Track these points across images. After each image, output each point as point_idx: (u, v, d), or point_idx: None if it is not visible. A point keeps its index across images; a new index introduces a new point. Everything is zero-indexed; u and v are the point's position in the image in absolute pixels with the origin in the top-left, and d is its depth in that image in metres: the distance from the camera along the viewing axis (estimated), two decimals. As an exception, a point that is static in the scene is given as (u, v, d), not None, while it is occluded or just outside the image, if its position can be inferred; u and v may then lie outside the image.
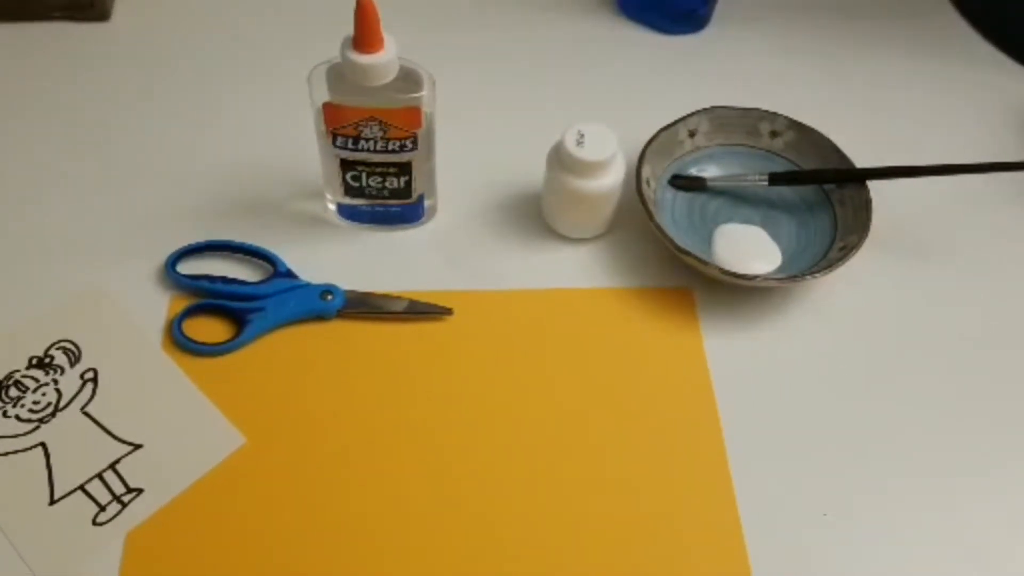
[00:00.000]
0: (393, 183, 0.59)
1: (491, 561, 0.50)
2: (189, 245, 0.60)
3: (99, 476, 0.51)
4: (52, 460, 0.52)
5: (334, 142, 0.56)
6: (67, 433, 0.53)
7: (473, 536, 0.50)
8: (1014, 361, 0.59)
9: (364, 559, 0.49)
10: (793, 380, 0.57)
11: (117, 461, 0.52)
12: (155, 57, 0.73)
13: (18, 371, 0.55)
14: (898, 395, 0.57)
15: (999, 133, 0.72)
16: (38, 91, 0.70)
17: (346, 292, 0.58)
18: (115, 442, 0.52)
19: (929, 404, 0.57)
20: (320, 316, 0.58)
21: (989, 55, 0.79)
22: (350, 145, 0.56)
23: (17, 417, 0.53)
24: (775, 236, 0.63)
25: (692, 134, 0.66)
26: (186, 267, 0.59)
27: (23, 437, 0.52)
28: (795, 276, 0.58)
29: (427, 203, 0.62)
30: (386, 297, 0.59)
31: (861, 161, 0.63)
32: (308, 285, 0.59)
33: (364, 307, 0.58)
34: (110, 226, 0.62)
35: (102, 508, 0.50)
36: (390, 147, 0.56)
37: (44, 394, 0.54)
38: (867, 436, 0.55)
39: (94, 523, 0.50)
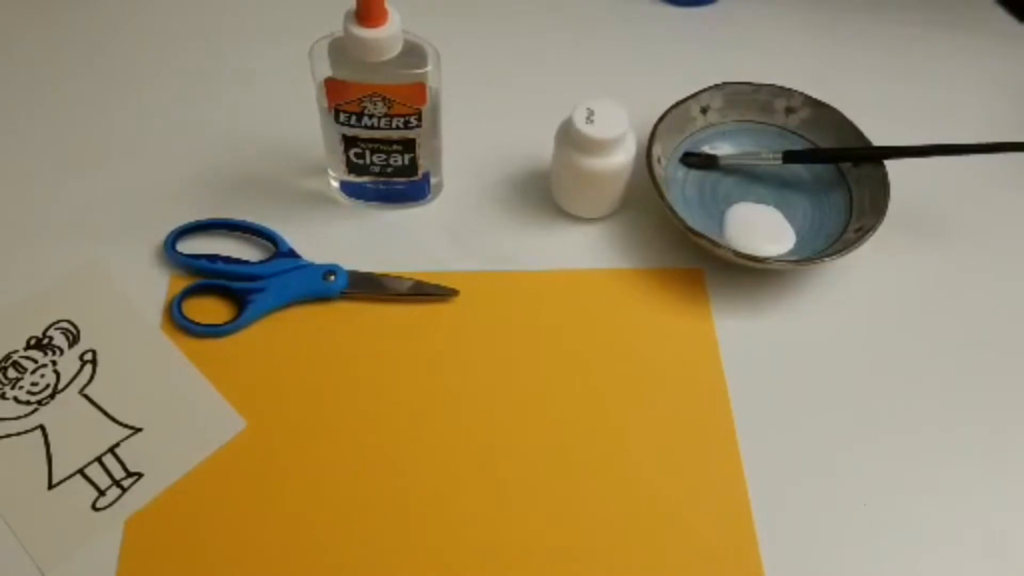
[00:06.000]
0: (397, 160, 0.58)
1: (498, 544, 0.49)
2: (189, 223, 0.59)
3: (98, 460, 0.50)
4: (51, 443, 0.51)
5: (336, 118, 0.55)
6: (66, 416, 0.52)
7: (479, 520, 0.50)
8: (1033, 346, 0.58)
9: (368, 545, 0.49)
10: (805, 364, 0.56)
11: (116, 445, 0.51)
12: (155, 30, 0.71)
13: (16, 352, 0.54)
14: (913, 381, 0.56)
15: None
16: (35, 65, 0.68)
17: (349, 272, 0.57)
18: (114, 425, 0.52)
19: (946, 390, 0.56)
20: (323, 297, 0.57)
21: (1013, 30, 0.77)
22: (353, 121, 0.55)
23: (15, 399, 0.52)
24: (789, 216, 0.61)
25: (704, 111, 0.64)
26: (186, 246, 0.58)
27: (21, 420, 0.51)
28: (809, 259, 0.57)
29: (433, 181, 0.61)
30: (390, 277, 0.58)
31: (879, 139, 0.62)
32: (311, 265, 0.57)
33: (368, 288, 0.57)
34: (109, 204, 0.61)
35: (101, 493, 0.49)
36: (394, 124, 0.55)
37: (43, 375, 0.53)
38: (880, 421, 0.54)
39: (93, 508, 0.49)
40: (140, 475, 0.50)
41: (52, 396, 0.52)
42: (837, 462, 0.53)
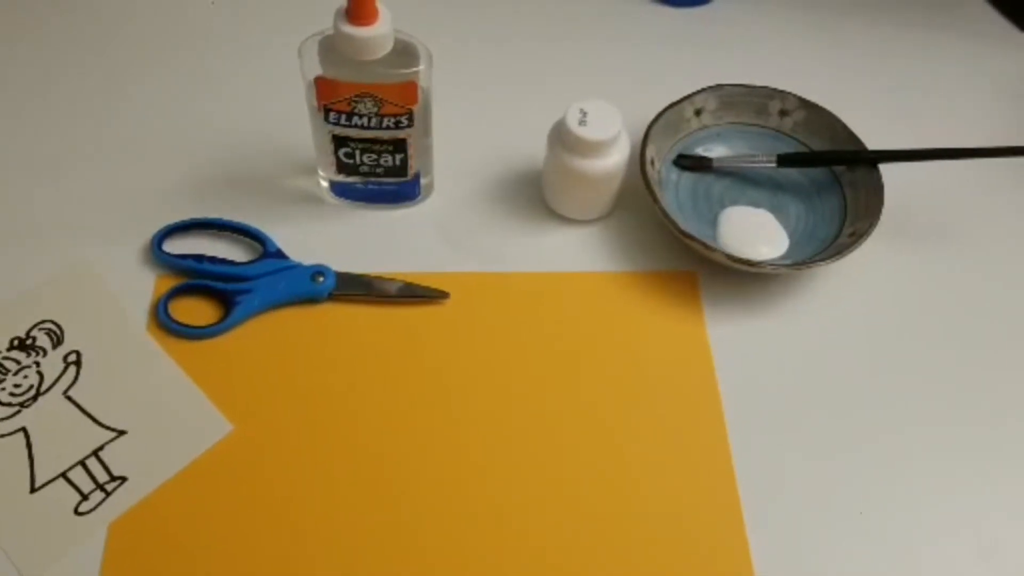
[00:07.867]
0: (388, 160, 0.57)
1: (488, 548, 0.48)
2: (176, 223, 0.58)
3: (82, 463, 0.50)
4: (33, 446, 0.50)
5: (326, 117, 0.54)
6: (49, 418, 0.51)
7: (469, 524, 0.49)
8: (1027, 352, 0.58)
9: (355, 550, 0.48)
10: (798, 368, 0.56)
11: (100, 448, 0.50)
12: (143, 31, 0.71)
13: (-1, 352, 0.53)
14: (906, 385, 0.56)
15: (1021, 114, 0.70)
16: (21, 65, 0.67)
17: (338, 273, 0.56)
18: (98, 428, 0.51)
19: (939, 394, 0.55)
20: (311, 298, 0.56)
21: (1009, 34, 0.76)
22: (343, 121, 0.54)
23: (-3, 401, 0.51)
24: (782, 219, 0.61)
25: (698, 112, 0.63)
26: (173, 245, 0.58)
27: (4, 422, 0.51)
28: (803, 263, 0.56)
29: (423, 181, 0.60)
30: (380, 279, 0.57)
31: (874, 143, 0.61)
32: (299, 266, 0.57)
33: (357, 289, 0.56)
34: (94, 203, 0.60)
35: (84, 497, 0.49)
36: (385, 123, 0.54)
37: (26, 377, 0.52)
38: (874, 426, 0.54)
39: (76, 512, 0.48)
40: (124, 479, 0.49)
41: (35, 398, 0.52)
42: (829, 467, 0.52)
